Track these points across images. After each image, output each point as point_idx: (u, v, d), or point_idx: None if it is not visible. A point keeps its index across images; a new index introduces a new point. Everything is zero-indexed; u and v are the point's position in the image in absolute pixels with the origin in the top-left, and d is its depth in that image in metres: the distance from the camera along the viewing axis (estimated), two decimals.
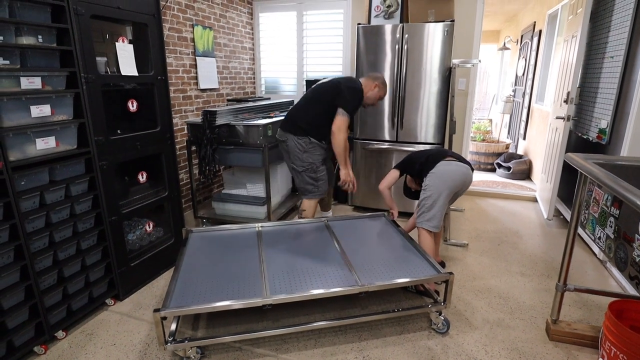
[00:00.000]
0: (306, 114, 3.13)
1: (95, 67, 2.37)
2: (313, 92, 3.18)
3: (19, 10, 1.99)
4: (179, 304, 2.08)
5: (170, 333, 2.16)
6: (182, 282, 2.31)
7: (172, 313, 2.02)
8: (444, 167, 2.75)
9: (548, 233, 3.96)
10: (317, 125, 3.11)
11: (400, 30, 3.82)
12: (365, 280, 2.28)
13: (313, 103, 3.14)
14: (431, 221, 2.73)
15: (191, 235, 2.97)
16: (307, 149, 3.10)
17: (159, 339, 2.00)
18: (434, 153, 2.89)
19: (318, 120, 3.10)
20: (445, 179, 2.71)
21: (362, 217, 3.34)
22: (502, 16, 8.01)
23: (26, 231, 2.09)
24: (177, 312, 2.05)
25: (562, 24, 5.01)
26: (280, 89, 5.55)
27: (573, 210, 2.19)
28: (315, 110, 3.11)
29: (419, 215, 2.79)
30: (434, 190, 2.71)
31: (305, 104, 3.17)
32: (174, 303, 2.09)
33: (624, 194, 1.60)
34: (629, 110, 2.98)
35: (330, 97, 3.06)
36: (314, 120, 3.10)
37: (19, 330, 2.09)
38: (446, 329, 2.40)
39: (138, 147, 2.75)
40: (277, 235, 2.97)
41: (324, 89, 3.14)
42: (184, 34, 3.97)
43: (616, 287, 2.93)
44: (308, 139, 3.11)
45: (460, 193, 2.85)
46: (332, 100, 3.04)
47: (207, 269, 2.47)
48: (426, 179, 2.77)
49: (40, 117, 2.12)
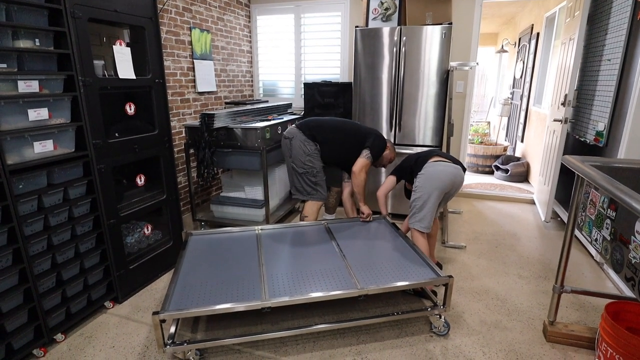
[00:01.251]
0: (324, 131, 3.18)
1: (92, 70, 2.38)
2: (344, 123, 3.26)
3: (15, 14, 1.99)
4: (178, 307, 2.08)
5: (169, 335, 2.16)
6: (181, 284, 2.31)
7: (171, 316, 2.02)
8: (432, 167, 2.77)
9: (545, 235, 3.97)
10: (331, 147, 3.18)
11: (398, 32, 3.84)
12: (365, 283, 2.29)
13: (339, 131, 3.20)
14: (422, 222, 2.74)
15: (191, 238, 2.98)
16: (311, 153, 3.11)
17: (158, 341, 2.00)
18: (423, 155, 2.93)
19: (334, 144, 3.18)
20: (434, 179, 2.72)
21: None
22: (499, 19, 8.04)
23: (24, 234, 2.09)
24: (176, 315, 2.05)
25: (559, 26, 5.04)
26: (278, 91, 5.56)
27: (570, 213, 2.20)
28: (337, 135, 3.18)
29: (411, 216, 2.81)
30: (423, 191, 2.73)
31: (332, 125, 3.23)
32: (173, 306, 2.10)
33: (620, 197, 1.61)
34: (626, 113, 2.99)
35: (361, 136, 3.17)
36: (331, 141, 3.17)
37: (17, 333, 2.09)
38: (447, 332, 2.41)
39: (136, 150, 2.76)
40: (277, 238, 2.97)
41: (358, 127, 3.23)
42: (181, 36, 3.98)
43: (613, 289, 2.94)
44: (315, 146, 3.13)
45: (453, 193, 2.86)
46: (361, 140, 3.15)
47: (206, 271, 2.47)
48: (416, 180, 2.79)
49: (37, 120, 2.12)
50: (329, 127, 3.19)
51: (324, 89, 4.67)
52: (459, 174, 2.80)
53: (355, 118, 4.20)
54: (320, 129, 3.17)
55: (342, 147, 3.16)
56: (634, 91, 2.89)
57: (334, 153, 3.18)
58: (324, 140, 3.15)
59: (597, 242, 1.94)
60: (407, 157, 3.07)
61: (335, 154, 3.19)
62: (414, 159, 2.93)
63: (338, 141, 3.16)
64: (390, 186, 3.04)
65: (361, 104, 4.16)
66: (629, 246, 1.63)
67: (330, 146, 3.16)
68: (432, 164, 2.79)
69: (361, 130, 3.20)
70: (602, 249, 1.88)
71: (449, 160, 2.84)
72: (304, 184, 3.17)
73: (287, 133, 3.22)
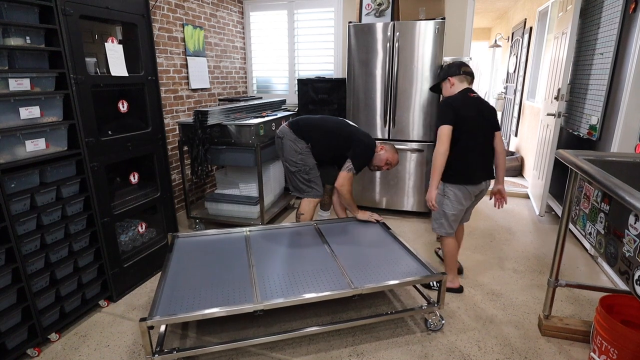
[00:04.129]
0: (313, 130, 3.13)
1: (84, 68, 2.35)
2: (334, 123, 3.19)
3: (5, 11, 1.97)
4: (166, 312, 2.00)
5: (158, 341, 2.12)
6: (169, 289, 2.23)
7: (159, 322, 1.96)
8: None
9: (540, 229, 3.98)
10: (321, 146, 3.13)
11: (391, 28, 3.83)
12: (358, 283, 2.26)
13: (328, 131, 3.14)
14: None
15: (177, 240, 2.86)
16: (302, 151, 3.09)
17: (146, 349, 1.92)
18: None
19: (323, 145, 3.13)
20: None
21: (352, 219, 3.28)
22: (493, 13, 8.05)
23: (17, 233, 2.07)
24: (164, 321, 1.99)
25: (552, 21, 5.04)
26: (272, 88, 5.54)
27: (564, 207, 2.21)
28: (326, 134, 3.12)
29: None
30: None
31: (321, 124, 3.17)
32: (162, 311, 2.01)
33: (613, 190, 1.61)
34: (619, 107, 3.00)
35: (349, 139, 3.09)
36: (320, 141, 3.12)
37: (11, 333, 2.08)
38: (441, 326, 2.41)
39: (129, 148, 2.74)
40: (266, 240, 2.91)
41: (346, 129, 3.15)
42: (174, 33, 3.95)
43: (607, 282, 2.96)
44: (306, 144, 3.10)
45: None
46: (349, 142, 3.07)
47: (195, 274, 2.40)
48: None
49: (29, 118, 2.10)
50: (318, 126, 3.15)
51: (317, 85, 4.65)
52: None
53: (350, 114, 4.20)
54: (310, 127, 3.14)
55: (329, 147, 3.13)
56: (627, 85, 2.91)
57: (323, 151, 3.14)
58: (313, 139, 3.11)
59: (591, 236, 1.95)
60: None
61: (325, 153, 3.15)
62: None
63: (325, 141, 3.12)
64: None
65: (355, 100, 4.15)
66: (622, 240, 1.63)
67: (320, 145, 3.12)
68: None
69: (350, 131, 3.13)
70: (596, 242, 1.89)
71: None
72: (298, 181, 3.16)
73: (279, 132, 3.21)
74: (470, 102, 2.55)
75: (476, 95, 2.60)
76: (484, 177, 2.65)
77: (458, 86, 2.63)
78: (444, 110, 2.55)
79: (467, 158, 2.56)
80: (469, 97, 2.57)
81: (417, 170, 4.12)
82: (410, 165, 4.13)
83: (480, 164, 2.61)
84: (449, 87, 2.67)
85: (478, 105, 2.57)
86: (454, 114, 2.50)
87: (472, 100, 2.56)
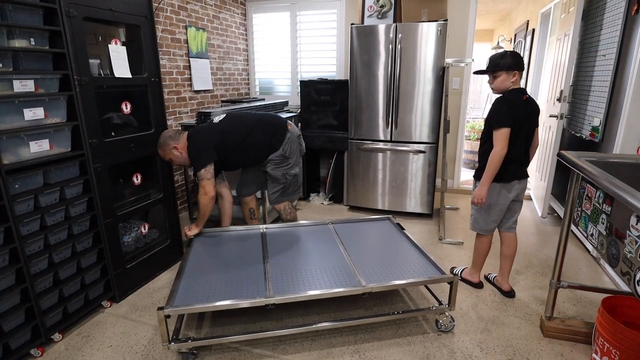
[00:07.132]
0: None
1: (88, 70, 2.37)
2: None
3: (10, 13, 1.98)
4: (182, 303, 2.10)
5: (174, 332, 2.18)
6: (186, 281, 2.33)
7: (175, 311, 2.04)
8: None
9: (542, 231, 3.98)
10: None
11: (393, 30, 3.84)
12: (369, 282, 2.29)
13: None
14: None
15: (196, 236, 2.98)
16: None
17: (163, 337, 2.02)
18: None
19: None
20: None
21: (367, 220, 3.32)
22: (495, 15, 8.05)
23: (21, 234, 2.08)
24: (181, 311, 2.07)
25: (554, 22, 5.04)
26: (275, 89, 5.55)
27: (566, 208, 2.21)
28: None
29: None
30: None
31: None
32: (178, 302, 2.11)
33: (615, 192, 1.62)
34: (621, 108, 3.00)
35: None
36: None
37: (15, 333, 2.09)
38: (452, 328, 2.42)
39: (132, 149, 2.75)
40: (282, 237, 2.98)
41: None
42: (177, 35, 3.97)
43: (609, 284, 2.96)
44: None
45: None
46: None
47: (211, 269, 2.49)
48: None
49: (33, 120, 2.11)
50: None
51: (320, 87, 4.66)
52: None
53: (352, 115, 4.21)
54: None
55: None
56: (629, 86, 2.90)
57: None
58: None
59: (593, 237, 1.95)
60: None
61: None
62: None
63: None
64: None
65: (357, 102, 4.16)
66: (624, 241, 1.63)
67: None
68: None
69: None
70: (598, 243, 1.89)
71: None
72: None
73: (296, 130, 3.25)
74: (522, 104, 2.46)
75: (527, 97, 2.50)
76: (517, 177, 2.59)
77: (517, 83, 2.50)
78: (506, 111, 2.43)
79: (505, 159, 2.50)
80: (522, 100, 2.46)
81: (419, 171, 4.12)
82: (413, 167, 4.13)
83: (516, 166, 2.56)
84: (510, 80, 2.46)
85: (527, 107, 2.48)
86: (512, 117, 2.42)
87: (523, 103, 2.47)
